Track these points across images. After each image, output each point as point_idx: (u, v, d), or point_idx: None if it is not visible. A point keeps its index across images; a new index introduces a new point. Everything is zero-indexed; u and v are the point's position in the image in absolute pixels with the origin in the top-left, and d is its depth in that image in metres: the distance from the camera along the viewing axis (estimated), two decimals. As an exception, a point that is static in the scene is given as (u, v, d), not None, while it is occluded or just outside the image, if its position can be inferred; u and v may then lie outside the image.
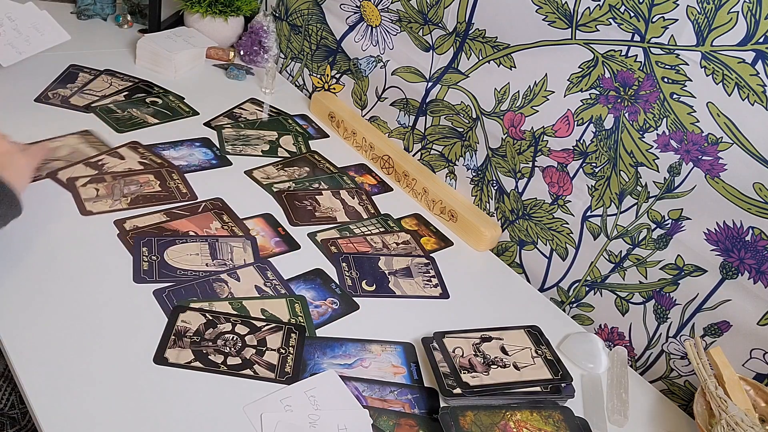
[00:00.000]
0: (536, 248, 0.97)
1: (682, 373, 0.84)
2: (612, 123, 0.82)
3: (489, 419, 0.68)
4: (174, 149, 1.00)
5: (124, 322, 0.70)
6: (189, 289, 0.76)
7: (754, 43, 0.68)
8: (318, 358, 0.73)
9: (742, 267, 0.75)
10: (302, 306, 0.79)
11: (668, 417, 0.80)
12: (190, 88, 1.17)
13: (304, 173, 1.05)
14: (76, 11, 1.32)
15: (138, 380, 0.64)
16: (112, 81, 1.13)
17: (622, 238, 0.86)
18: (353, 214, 0.99)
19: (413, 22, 1.02)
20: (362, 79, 1.16)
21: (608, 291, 0.89)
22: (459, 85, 0.99)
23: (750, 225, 0.73)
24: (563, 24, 0.83)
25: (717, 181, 0.74)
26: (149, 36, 1.22)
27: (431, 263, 0.93)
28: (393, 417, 0.68)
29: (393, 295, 0.85)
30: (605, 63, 0.81)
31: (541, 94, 0.89)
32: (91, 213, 0.83)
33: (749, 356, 0.77)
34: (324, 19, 1.19)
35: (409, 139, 1.12)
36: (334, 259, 0.88)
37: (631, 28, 0.77)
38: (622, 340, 0.90)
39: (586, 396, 0.78)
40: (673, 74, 0.75)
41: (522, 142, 0.93)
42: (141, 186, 0.90)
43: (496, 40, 0.92)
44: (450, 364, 0.73)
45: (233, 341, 0.71)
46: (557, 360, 0.76)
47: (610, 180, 0.85)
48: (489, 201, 1.02)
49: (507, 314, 0.88)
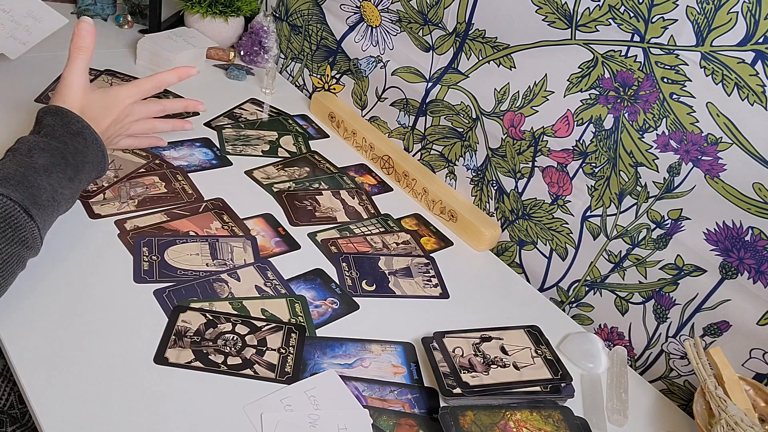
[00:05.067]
0: (536, 248, 0.97)
1: (681, 372, 0.84)
2: (612, 123, 0.82)
3: (489, 419, 0.68)
4: (174, 149, 1.00)
5: (125, 322, 0.70)
6: (189, 289, 0.76)
7: (753, 43, 0.68)
8: (318, 358, 0.73)
9: (741, 267, 0.75)
10: (302, 306, 0.79)
11: (668, 417, 0.80)
12: (190, 89, 1.17)
13: (304, 173, 1.05)
14: (76, 11, 1.32)
15: (138, 380, 0.65)
16: (112, 81, 1.13)
17: (622, 238, 0.86)
18: (353, 214, 0.99)
19: (413, 23, 1.02)
20: (362, 80, 1.16)
21: (608, 291, 0.90)
22: (459, 86, 0.99)
23: (750, 225, 0.73)
24: (563, 24, 0.83)
25: (716, 181, 0.74)
26: (149, 36, 1.22)
27: (431, 263, 0.93)
28: (393, 417, 0.68)
29: (393, 295, 0.85)
30: (605, 63, 0.81)
31: (540, 94, 0.89)
32: (99, 216, 0.83)
33: (749, 356, 0.77)
34: (324, 19, 1.19)
35: (409, 139, 1.12)
36: (334, 259, 0.88)
37: (630, 28, 0.77)
38: (621, 339, 0.90)
39: (585, 396, 0.78)
40: (673, 74, 0.75)
41: (522, 142, 0.93)
42: (147, 188, 0.90)
43: (496, 41, 0.92)
44: (450, 363, 0.73)
45: (233, 341, 0.71)
46: (557, 360, 0.76)
47: (609, 180, 0.85)
48: (489, 201, 1.02)
49: (507, 314, 0.88)
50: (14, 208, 0.64)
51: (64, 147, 0.73)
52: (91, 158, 0.77)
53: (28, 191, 0.67)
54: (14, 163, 0.69)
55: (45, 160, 0.70)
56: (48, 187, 0.69)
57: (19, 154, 0.70)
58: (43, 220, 0.68)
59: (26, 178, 0.67)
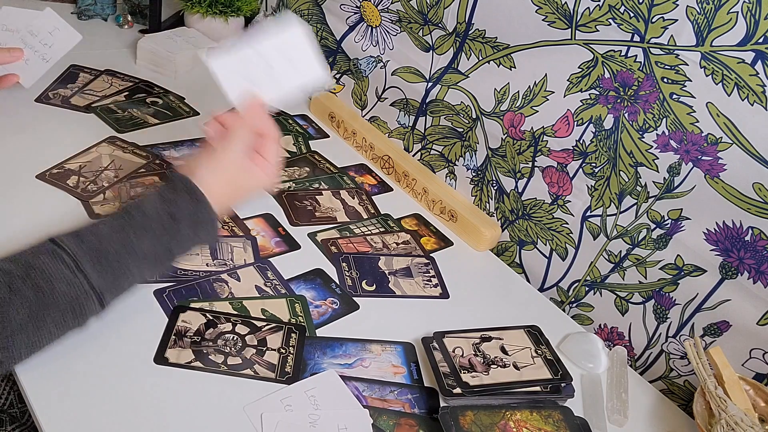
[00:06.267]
0: (536, 248, 0.97)
1: (681, 372, 0.84)
2: (612, 123, 0.82)
3: (489, 419, 0.68)
4: (174, 149, 1.00)
5: (125, 322, 0.70)
6: (189, 289, 0.76)
7: (753, 43, 0.68)
8: (318, 358, 0.73)
9: (741, 267, 0.75)
10: (302, 306, 0.79)
11: (668, 417, 0.80)
12: (191, 89, 1.17)
13: (304, 173, 1.05)
14: (76, 11, 1.32)
15: (138, 380, 0.65)
16: (112, 81, 1.13)
17: (622, 238, 0.86)
18: (353, 214, 0.99)
19: (413, 23, 1.02)
20: (362, 80, 1.16)
21: (608, 291, 0.90)
22: (459, 86, 0.99)
23: (749, 225, 0.73)
24: (563, 24, 0.83)
25: (716, 181, 0.74)
26: (150, 36, 1.22)
27: (431, 263, 0.93)
28: (393, 417, 0.68)
29: (393, 295, 0.85)
30: (605, 63, 0.81)
31: (540, 94, 0.89)
32: (99, 216, 0.83)
33: (749, 356, 0.77)
34: (324, 19, 1.19)
35: (409, 139, 1.12)
36: (334, 259, 0.88)
37: (630, 28, 0.77)
38: (621, 339, 0.90)
39: (585, 396, 0.78)
40: (673, 74, 0.75)
41: (522, 142, 0.93)
42: (147, 188, 0.90)
43: (496, 41, 0.92)
44: (450, 363, 0.73)
45: (233, 341, 0.71)
46: (557, 360, 0.76)
47: (609, 180, 0.85)
48: (489, 201, 1.02)
49: (507, 314, 0.88)
50: (88, 297, 0.59)
51: (176, 238, 0.66)
52: (194, 248, 0.71)
53: (114, 279, 0.61)
54: (119, 237, 0.62)
55: (149, 248, 0.64)
56: (136, 274, 0.64)
57: (130, 229, 0.63)
58: (112, 302, 0.63)
59: (120, 262, 0.61)
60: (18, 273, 0.57)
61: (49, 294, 0.57)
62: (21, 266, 0.57)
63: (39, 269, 0.57)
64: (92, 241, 0.61)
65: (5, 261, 0.58)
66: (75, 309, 0.59)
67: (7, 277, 0.56)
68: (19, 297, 0.56)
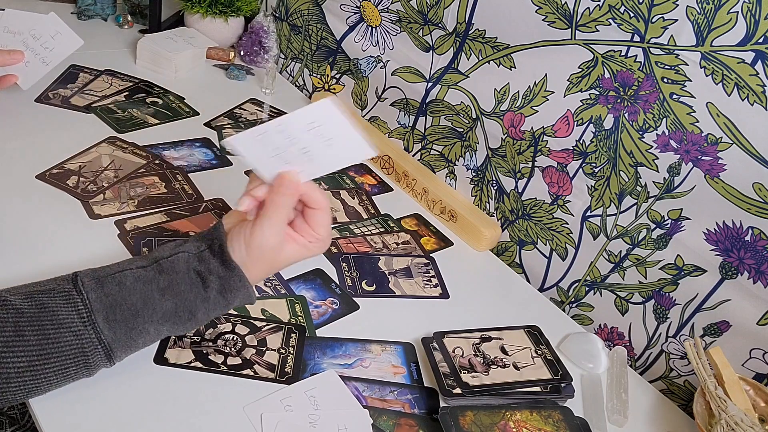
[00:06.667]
0: (536, 248, 0.97)
1: (681, 372, 0.84)
2: (612, 123, 0.82)
3: (489, 419, 0.68)
4: (174, 149, 1.00)
5: (125, 322, 0.70)
6: (189, 289, 0.76)
7: (753, 43, 0.68)
8: (318, 358, 0.73)
9: (741, 267, 0.75)
10: (302, 306, 0.79)
11: (668, 417, 0.80)
12: (191, 89, 1.17)
13: (304, 173, 1.05)
14: (76, 11, 1.32)
15: (138, 380, 0.65)
16: (112, 81, 1.14)
17: (622, 238, 0.86)
18: (353, 214, 0.99)
19: (413, 23, 1.02)
20: (362, 80, 1.16)
21: (608, 291, 0.90)
22: (459, 86, 0.99)
23: (749, 225, 0.73)
24: (563, 24, 0.83)
25: (717, 181, 0.74)
26: (149, 36, 1.22)
27: (431, 263, 0.93)
28: (393, 417, 0.68)
29: (393, 295, 0.85)
30: (605, 63, 0.81)
31: (540, 94, 0.89)
32: (99, 216, 0.83)
33: (749, 356, 0.77)
34: (324, 19, 1.19)
35: (409, 139, 1.12)
36: (334, 259, 0.88)
37: (630, 28, 0.77)
38: (621, 339, 0.90)
39: (585, 396, 0.78)
40: (673, 74, 0.75)
41: (522, 142, 0.93)
42: (147, 188, 0.90)
43: (496, 41, 0.92)
44: (450, 364, 0.73)
45: (233, 341, 0.71)
46: (557, 360, 0.76)
47: (609, 180, 0.85)
48: (489, 201, 1.02)
49: (507, 314, 0.88)
50: (96, 351, 0.57)
51: (202, 304, 0.61)
52: (221, 314, 0.67)
53: (128, 337, 0.58)
54: (143, 291, 0.59)
55: (171, 307, 0.60)
56: (153, 333, 0.60)
57: (155, 285, 0.59)
58: (124, 357, 0.60)
59: (138, 319, 0.58)
60: (29, 313, 0.55)
61: (54, 342, 0.55)
62: (34, 306, 0.56)
63: (50, 312, 0.55)
64: (113, 291, 0.58)
65: (20, 296, 0.56)
66: (79, 361, 0.57)
67: (17, 317, 0.55)
68: (22, 342, 0.54)
